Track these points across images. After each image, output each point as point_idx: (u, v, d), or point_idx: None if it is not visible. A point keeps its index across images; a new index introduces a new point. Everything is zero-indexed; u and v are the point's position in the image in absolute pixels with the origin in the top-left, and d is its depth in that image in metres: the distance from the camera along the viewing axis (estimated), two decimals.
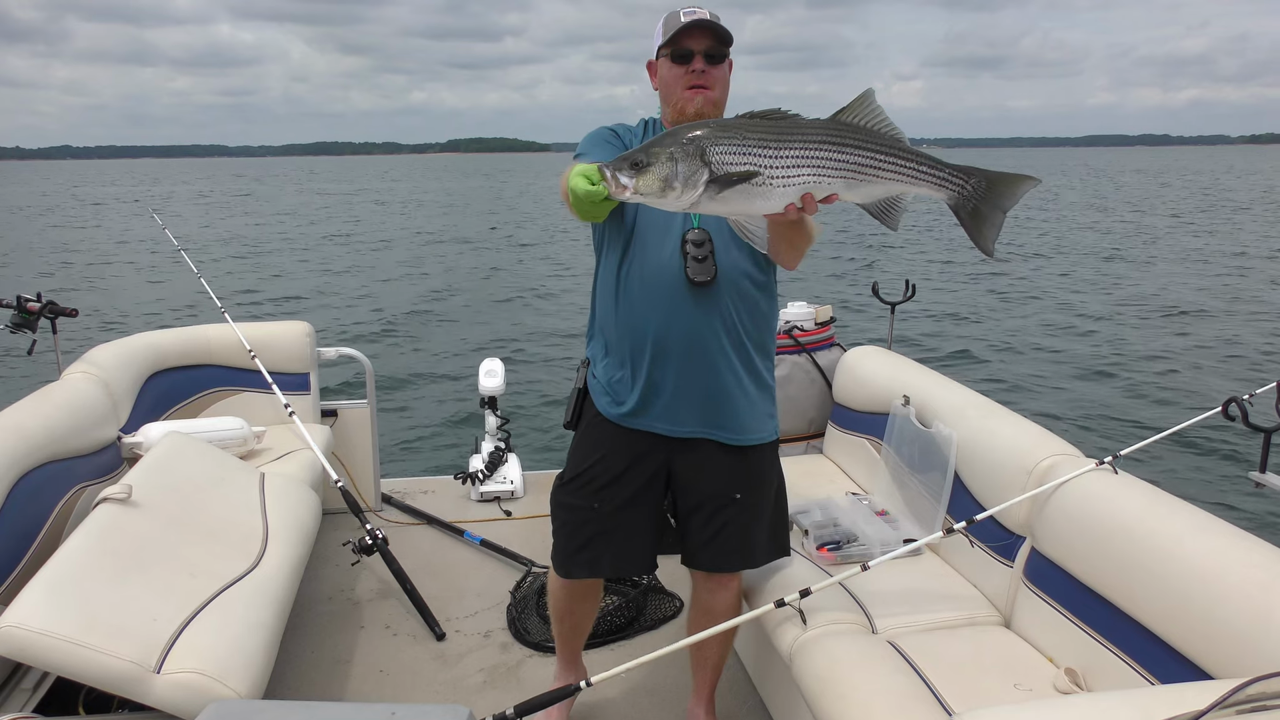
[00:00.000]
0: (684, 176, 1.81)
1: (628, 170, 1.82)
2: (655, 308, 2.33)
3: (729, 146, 1.81)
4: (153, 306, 15.01)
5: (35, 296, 3.69)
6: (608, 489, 2.44)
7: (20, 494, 2.70)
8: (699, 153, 1.80)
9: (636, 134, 2.41)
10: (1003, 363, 11.12)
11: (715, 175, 1.80)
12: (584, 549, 2.52)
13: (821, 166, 1.83)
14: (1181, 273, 18.46)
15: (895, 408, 3.27)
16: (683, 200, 1.83)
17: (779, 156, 1.82)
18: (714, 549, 2.51)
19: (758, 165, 1.81)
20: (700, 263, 2.28)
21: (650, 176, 1.81)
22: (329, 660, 3.21)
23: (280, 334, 4.32)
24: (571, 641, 2.79)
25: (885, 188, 1.88)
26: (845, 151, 1.83)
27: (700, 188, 1.81)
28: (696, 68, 2.26)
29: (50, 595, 2.22)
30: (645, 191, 1.82)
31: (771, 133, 1.82)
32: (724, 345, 2.35)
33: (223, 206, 44.97)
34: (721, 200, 1.84)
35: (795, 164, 1.82)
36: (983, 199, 1.92)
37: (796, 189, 1.84)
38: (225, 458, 3.37)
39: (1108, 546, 2.22)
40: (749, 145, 1.81)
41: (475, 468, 4.63)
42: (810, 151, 1.82)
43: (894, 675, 2.23)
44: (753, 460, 2.47)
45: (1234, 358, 11.16)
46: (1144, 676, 2.06)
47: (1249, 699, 1.49)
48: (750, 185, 1.83)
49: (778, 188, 1.84)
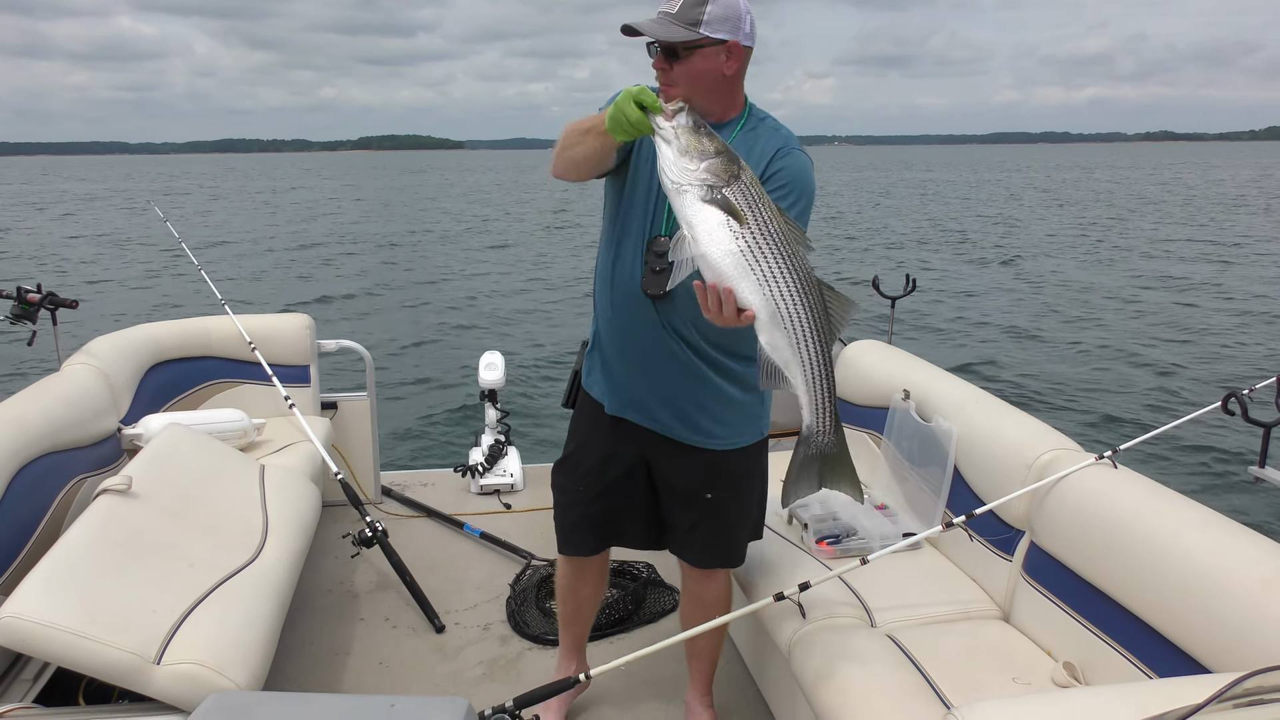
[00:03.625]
0: (710, 168, 1.79)
1: (689, 117, 1.80)
2: (620, 312, 2.32)
3: (758, 200, 1.79)
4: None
5: (35, 287, 3.68)
6: (591, 473, 2.48)
7: (20, 485, 2.70)
8: (735, 174, 1.78)
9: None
10: (1003, 356, 11.12)
11: (725, 194, 1.78)
12: (575, 528, 2.58)
13: (780, 292, 1.80)
14: (1180, 268, 18.45)
15: (895, 402, 3.27)
16: (685, 175, 1.79)
17: (767, 247, 1.79)
18: (693, 545, 2.52)
19: (753, 238, 1.78)
20: (657, 274, 2.21)
21: (695, 137, 1.79)
22: (328, 652, 3.21)
23: (280, 326, 4.32)
24: (574, 626, 2.80)
25: (793, 355, 1.85)
26: (804, 307, 1.81)
27: (707, 187, 1.78)
28: (656, 65, 2.15)
29: (50, 586, 2.22)
30: (678, 139, 1.79)
31: (788, 238, 1.80)
32: (686, 355, 2.29)
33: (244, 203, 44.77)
34: (697, 213, 1.79)
35: (769, 265, 1.79)
36: (823, 454, 1.94)
37: (746, 278, 1.80)
38: (225, 450, 3.37)
39: (1107, 541, 2.22)
40: (770, 222, 1.79)
41: (475, 460, 4.63)
42: (787, 278, 1.80)
43: (892, 669, 2.23)
44: (727, 463, 2.41)
45: (1236, 351, 11.17)
46: (1142, 670, 2.06)
47: (1247, 693, 1.49)
48: (723, 224, 1.78)
49: (735, 260, 1.79)
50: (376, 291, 16.24)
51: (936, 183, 56.76)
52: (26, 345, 3.61)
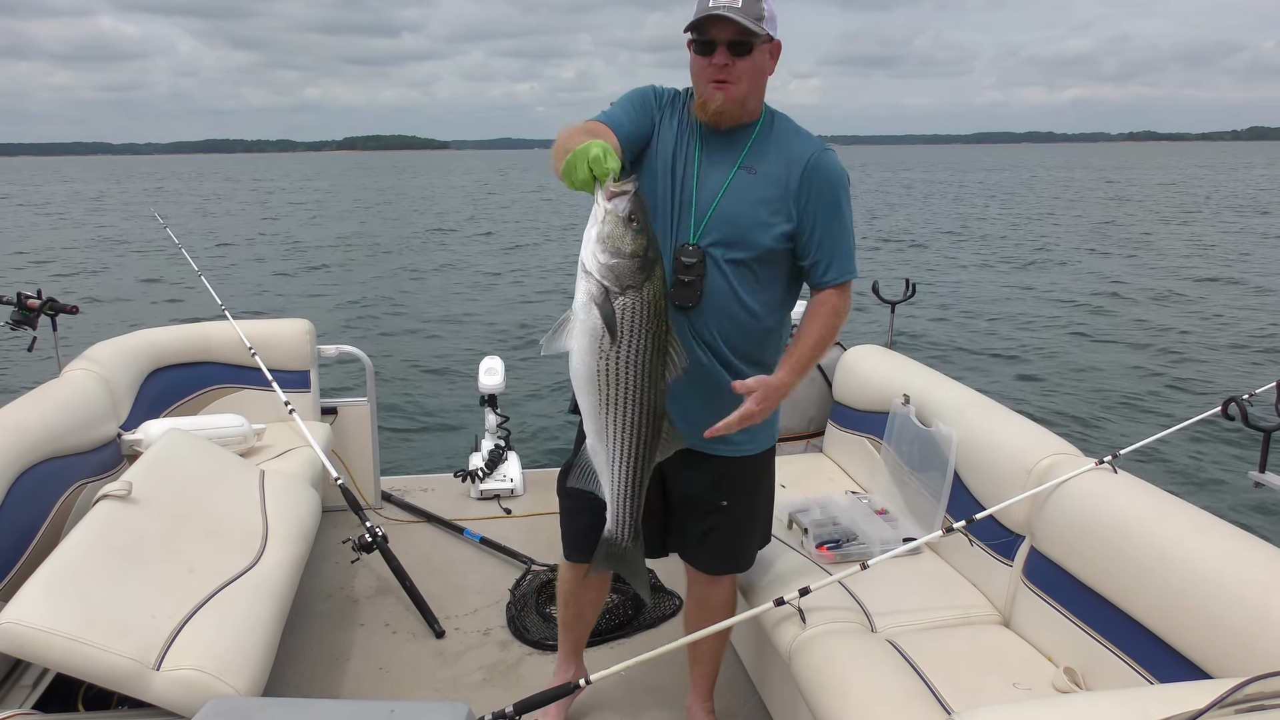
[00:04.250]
0: (616, 269, 1.74)
1: (628, 205, 1.74)
2: None
3: (640, 324, 1.77)
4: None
5: (35, 293, 3.69)
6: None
7: (20, 491, 2.69)
8: (637, 285, 1.75)
9: (674, 99, 2.30)
10: (1002, 361, 11.12)
11: (613, 305, 1.75)
12: (584, 535, 2.51)
13: (614, 419, 1.84)
14: (1182, 268, 18.47)
15: (895, 406, 3.27)
16: (591, 262, 1.77)
17: (622, 375, 1.79)
18: (704, 552, 2.52)
19: (613, 361, 1.78)
20: (686, 285, 2.18)
21: (621, 230, 1.73)
22: (328, 657, 3.21)
23: (280, 331, 4.32)
24: (574, 630, 2.80)
25: (606, 471, 1.91)
26: (631, 439, 1.85)
27: (602, 287, 1.75)
28: (718, 61, 2.11)
29: (50, 592, 2.22)
30: (604, 223, 1.75)
31: (648, 371, 1.81)
32: (713, 365, 2.27)
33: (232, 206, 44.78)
34: (582, 307, 1.78)
35: (614, 391, 1.81)
36: (620, 557, 2.02)
37: (590, 395, 1.82)
38: (225, 455, 3.37)
39: (1107, 546, 2.22)
40: (640, 353, 1.79)
41: (475, 466, 4.63)
42: (625, 410, 1.83)
43: (893, 674, 2.23)
44: (742, 470, 2.43)
45: (1236, 355, 11.17)
46: (1143, 676, 2.06)
47: (1247, 698, 1.49)
48: (594, 335, 1.77)
49: (589, 374, 1.80)
50: (375, 296, 16.24)
51: (928, 183, 56.83)
52: (26, 351, 3.61)
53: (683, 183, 2.23)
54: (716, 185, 2.22)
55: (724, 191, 2.21)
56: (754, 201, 2.20)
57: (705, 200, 2.21)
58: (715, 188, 2.22)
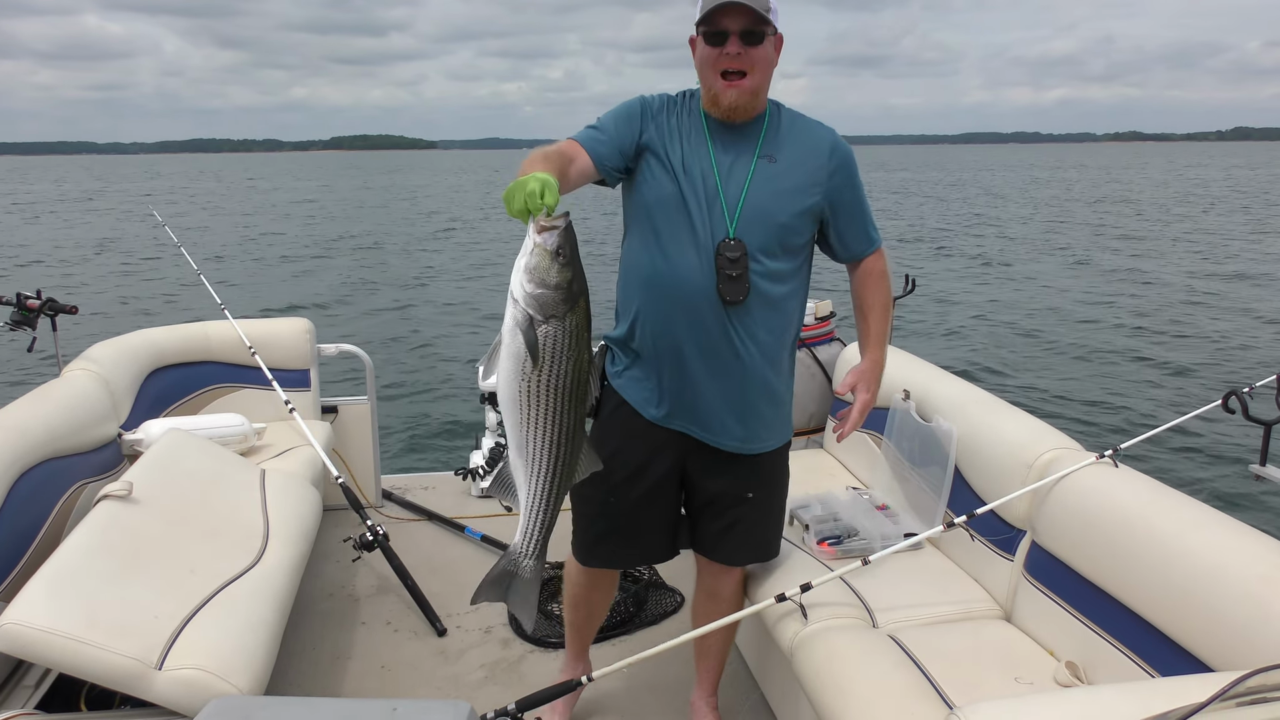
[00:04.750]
0: (540, 299, 1.79)
1: (557, 240, 1.78)
2: (682, 319, 2.24)
3: (563, 350, 1.81)
4: None
5: (35, 294, 3.69)
6: (625, 484, 2.41)
7: (21, 491, 2.69)
8: (560, 315, 1.79)
9: (666, 105, 2.30)
10: (1003, 357, 11.12)
11: (537, 332, 1.80)
12: (601, 541, 2.51)
13: (535, 438, 1.88)
14: (1183, 264, 18.46)
15: (895, 402, 3.27)
16: (518, 290, 1.80)
17: (544, 397, 1.84)
18: (727, 544, 2.51)
19: (535, 384, 1.82)
20: (734, 280, 2.18)
21: (548, 262, 1.78)
22: (330, 656, 3.21)
23: (280, 331, 4.32)
24: (583, 631, 2.79)
25: (524, 485, 1.95)
26: (549, 457, 1.89)
27: (526, 315, 1.80)
28: (731, 50, 2.12)
29: (51, 592, 2.22)
30: (532, 255, 1.78)
31: (570, 393, 1.85)
32: (754, 359, 2.28)
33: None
34: (507, 332, 1.83)
35: (537, 412, 1.85)
36: (518, 574, 2.02)
37: (512, 414, 1.87)
38: (226, 454, 3.37)
39: (1108, 540, 2.22)
40: (562, 376, 1.83)
41: (476, 464, 4.63)
42: (546, 430, 1.87)
43: (895, 669, 2.23)
44: (767, 463, 2.45)
45: (1236, 348, 11.17)
46: (1144, 669, 2.06)
47: (1249, 691, 1.49)
48: (518, 359, 1.82)
49: (512, 395, 1.85)
50: (375, 295, 16.24)
51: (919, 182, 56.80)
52: (26, 351, 3.61)
53: (704, 180, 2.22)
54: (741, 178, 2.22)
55: (749, 183, 2.22)
56: (782, 190, 2.23)
57: (733, 194, 2.21)
58: (740, 180, 2.22)
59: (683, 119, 2.27)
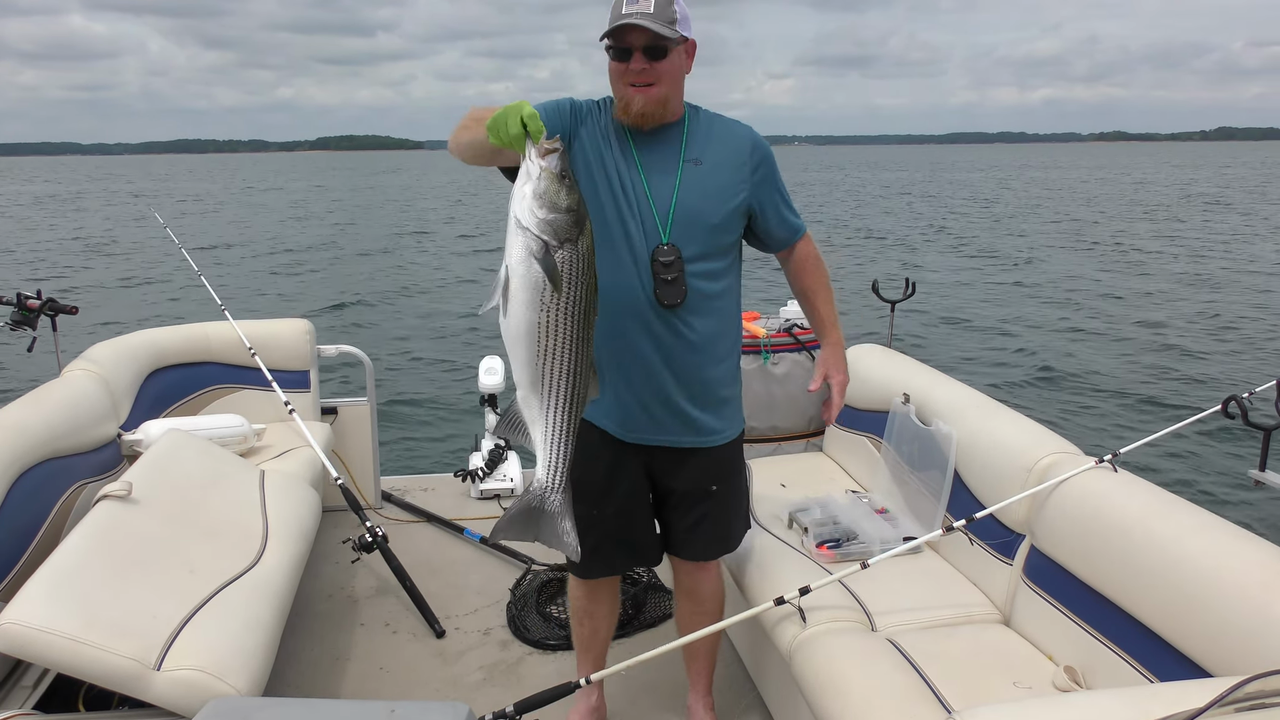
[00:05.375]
0: (554, 222, 1.78)
1: (560, 162, 1.78)
2: (624, 329, 2.26)
3: (581, 272, 1.82)
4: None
5: (35, 294, 3.69)
6: (603, 496, 2.44)
7: (20, 491, 2.69)
8: (574, 237, 1.80)
9: (594, 111, 2.31)
10: (1002, 361, 11.12)
11: (554, 256, 1.79)
12: (595, 551, 2.50)
13: (552, 366, 1.86)
14: (1177, 268, 18.47)
15: (895, 405, 3.27)
16: (529, 218, 1.79)
17: (564, 324, 1.83)
18: (696, 540, 2.54)
19: (556, 312, 1.82)
20: (670, 284, 2.22)
21: (556, 185, 1.77)
22: (329, 657, 3.21)
23: (280, 331, 4.32)
24: (592, 646, 2.76)
25: (541, 418, 1.92)
26: (566, 383, 1.87)
27: (541, 241, 1.79)
28: (636, 66, 2.16)
29: (50, 593, 2.22)
30: (539, 180, 1.78)
31: (587, 314, 1.86)
32: (699, 358, 2.32)
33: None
34: (520, 264, 1.81)
35: (556, 340, 1.84)
36: (545, 510, 2.00)
37: (529, 346, 1.85)
38: (225, 455, 3.37)
39: (1107, 545, 2.22)
40: (580, 301, 1.83)
41: (475, 465, 4.63)
42: (565, 355, 1.86)
43: (893, 673, 2.23)
44: (725, 455, 2.49)
45: (1236, 354, 11.17)
46: (1143, 674, 2.06)
47: (1248, 696, 1.49)
48: (536, 288, 1.81)
49: (529, 328, 1.83)
50: (374, 296, 16.24)
51: (911, 183, 56.86)
52: (26, 351, 3.61)
53: (632, 187, 2.24)
54: (669, 183, 2.25)
55: (679, 188, 2.25)
56: (710, 192, 2.27)
57: (663, 199, 2.24)
58: (668, 186, 2.25)
59: (606, 127, 2.29)
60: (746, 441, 3.79)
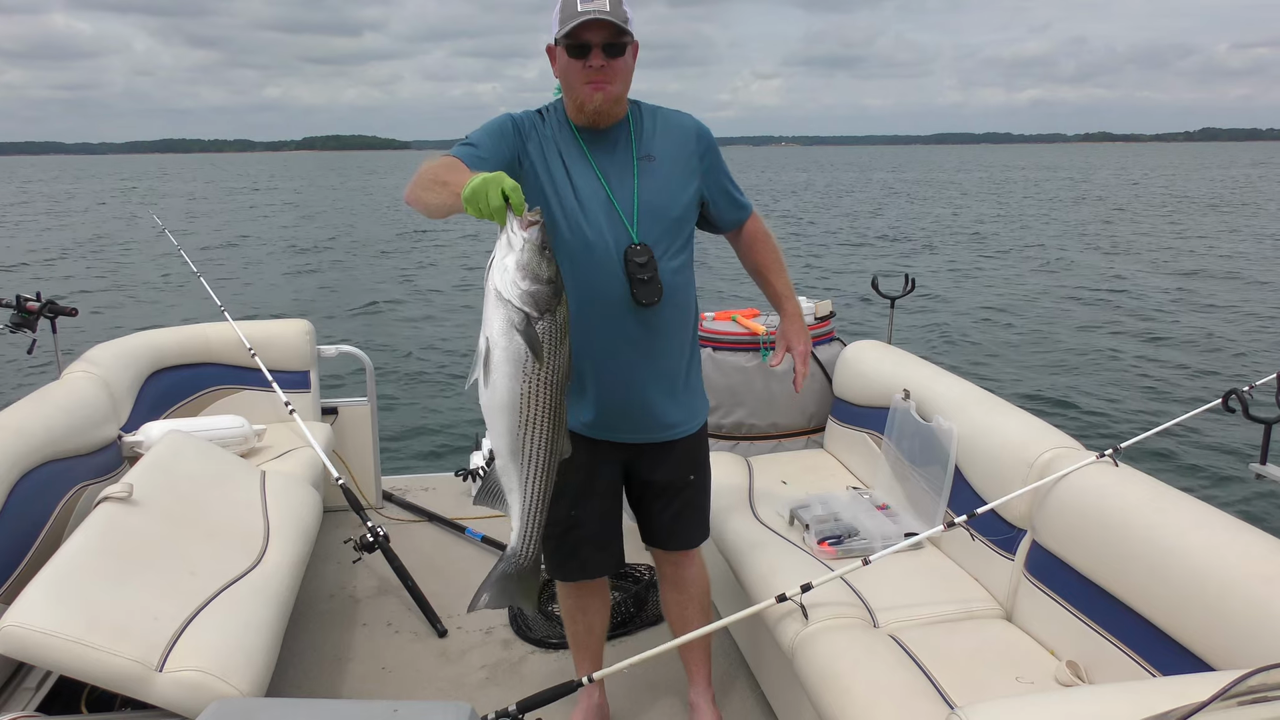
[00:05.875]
0: (536, 294, 1.80)
1: (541, 235, 1.80)
2: (597, 329, 2.25)
3: (559, 342, 1.85)
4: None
5: (35, 296, 3.69)
6: (582, 499, 2.45)
7: (21, 494, 2.69)
8: (553, 308, 1.82)
9: (536, 123, 2.30)
10: (1002, 356, 11.12)
11: (535, 328, 1.82)
12: (573, 556, 2.55)
13: (531, 437, 1.89)
14: (1177, 265, 18.46)
15: (895, 402, 3.27)
16: (510, 290, 1.80)
17: (543, 394, 1.86)
18: (679, 530, 2.58)
19: (536, 383, 1.85)
20: (646, 283, 2.23)
21: (538, 257, 1.79)
22: (331, 658, 3.21)
23: (280, 332, 4.32)
24: (587, 645, 2.76)
25: (519, 488, 1.95)
26: (544, 452, 1.91)
27: (522, 313, 1.81)
28: (594, 63, 2.15)
29: (52, 595, 2.22)
30: (522, 251, 1.79)
31: (562, 384, 1.89)
32: (672, 351, 2.36)
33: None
34: (502, 335, 1.83)
35: (535, 411, 1.87)
36: (520, 574, 2.03)
37: (511, 418, 1.87)
38: (226, 456, 3.37)
39: (1109, 539, 2.22)
40: (559, 370, 1.86)
41: (476, 464, 4.63)
42: (543, 426, 1.88)
43: (896, 669, 2.23)
44: (697, 442, 2.52)
45: (1236, 347, 11.16)
46: (1145, 668, 2.06)
47: (1251, 690, 1.49)
48: (518, 360, 1.83)
49: (511, 400, 1.86)
50: (374, 296, 16.23)
51: (909, 183, 56.84)
52: (26, 354, 3.61)
53: (594, 192, 2.24)
54: (627, 182, 2.26)
55: (638, 185, 2.26)
56: (668, 185, 2.30)
57: (625, 199, 2.25)
58: (628, 184, 2.26)
59: (556, 134, 2.29)
60: (747, 439, 3.83)
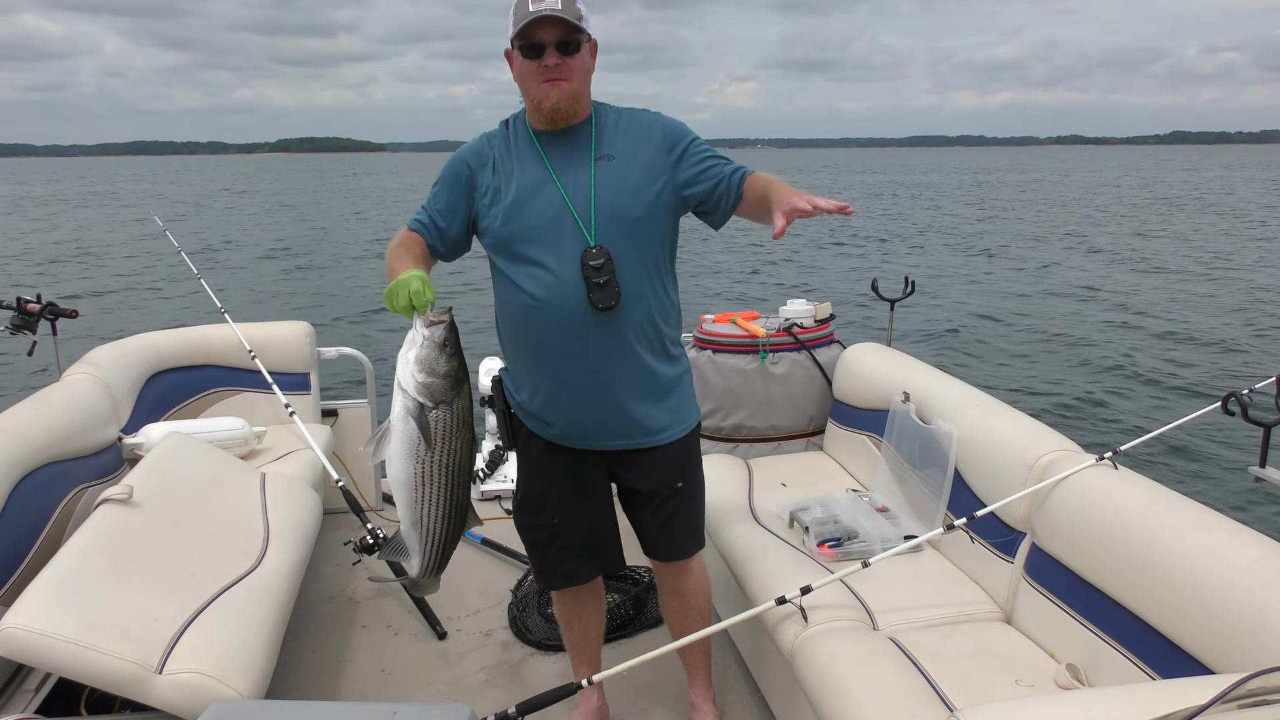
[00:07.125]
0: (430, 386, 1.99)
1: (444, 334, 1.99)
2: (563, 340, 2.24)
3: (454, 431, 2.03)
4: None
5: (35, 298, 3.69)
6: (564, 506, 2.45)
7: (21, 495, 2.70)
8: (449, 400, 2.00)
9: (497, 142, 2.31)
10: (1002, 359, 11.12)
11: (428, 416, 2.01)
12: (559, 563, 2.55)
13: (428, 512, 2.12)
14: (1182, 265, 18.47)
15: (895, 404, 3.27)
16: (408, 380, 2.00)
17: (438, 476, 2.06)
18: (671, 539, 2.53)
19: (430, 465, 2.04)
20: (603, 287, 2.18)
21: (437, 353, 1.98)
22: (330, 660, 3.21)
23: (280, 334, 4.32)
24: (584, 649, 2.75)
25: (417, 550, 2.20)
26: (441, 525, 2.14)
27: (417, 403, 2.00)
28: (549, 62, 2.13)
29: (52, 596, 2.22)
30: (421, 347, 1.99)
31: (460, 469, 2.08)
32: (643, 354, 2.29)
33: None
34: (399, 420, 2.03)
35: (430, 490, 2.08)
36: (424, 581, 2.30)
37: (408, 493, 2.10)
38: (226, 458, 3.37)
39: (1108, 542, 2.22)
40: (453, 455, 2.05)
41: (476, 466, 4.63)
42: (438, 504, 2.11)
43: (895, 672, 2.23)
44: (684, 449, 2.47)
45: (1235, 351, 11.17)
46: (1145, 671, 2.06)
47: (1250, 693, 1.49)
48: (411, 444, 2.02)
49: (407, 478, 2.07)
50: (374, 297, 16.21)
51: (895, 184, 56.84)
52: (27, 355, 3.61)
53: (550, 199, 2.22)
54: (585, 185, 2.22)
55: (595, 187, 2.22)
56: (628, 186, 2.24)
57: (582, 203, 2.21)
58: (585, 188, 2.22)
59: (510, 146, 2.28)
60: (747, 441, 3.83)
